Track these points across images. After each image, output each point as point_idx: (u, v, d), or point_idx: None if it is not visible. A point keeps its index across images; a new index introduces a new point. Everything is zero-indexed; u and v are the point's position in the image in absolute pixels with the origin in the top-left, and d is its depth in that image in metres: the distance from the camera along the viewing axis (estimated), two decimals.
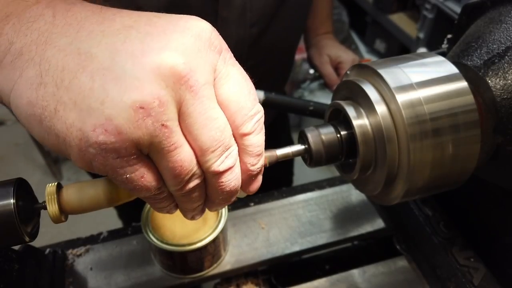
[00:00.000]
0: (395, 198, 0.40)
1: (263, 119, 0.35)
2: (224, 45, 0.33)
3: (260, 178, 0.38)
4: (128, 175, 0.31)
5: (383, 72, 0.38)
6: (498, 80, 0.40)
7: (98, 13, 0.31)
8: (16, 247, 0.54)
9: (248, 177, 0.36)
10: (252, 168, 0.36)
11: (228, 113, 0.33)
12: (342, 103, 0.41)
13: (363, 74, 0.41)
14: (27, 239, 0.40)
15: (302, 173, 1.37)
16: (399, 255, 0.67)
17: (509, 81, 0.40)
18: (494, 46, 0.42)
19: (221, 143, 0.32)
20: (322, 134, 0.41)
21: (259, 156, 0.35)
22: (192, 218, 0.39)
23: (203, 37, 0.31)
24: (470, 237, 0.57)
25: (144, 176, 0.31)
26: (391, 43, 2.36)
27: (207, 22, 0.32)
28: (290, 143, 1.13)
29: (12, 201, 0.38)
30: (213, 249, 0.60)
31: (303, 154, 0.42)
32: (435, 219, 0.60)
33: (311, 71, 2.56)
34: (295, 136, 0.59)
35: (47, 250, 0.62)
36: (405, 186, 0.38)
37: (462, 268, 0.55)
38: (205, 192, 0.36)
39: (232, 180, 0.34)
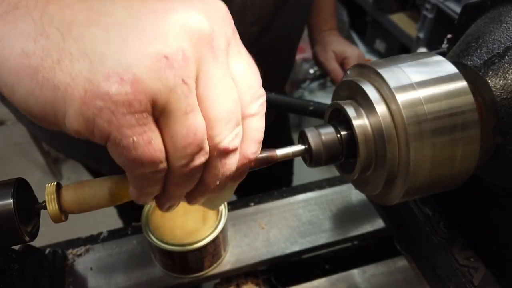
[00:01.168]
0: (395, 198, 0.40)
1: (265, 104, 0.34)
2: (234, 26, 0.33)
3: (245, 172, 0.36)
4: (134, 138, 0.27)
5: (383, 72, 0.38)
6: (498, 80, 0.40)
7: None
8: (16, 247, 0.54)
9: (243, 166, 0.34)
10: (251, 155, 0.34)
11: (238, 90, 0.31)
12: (342, 103, 0.41)
13: (363, 74, 0.41)
14: (27, 239, 0.40)
15: (302, 173, 1.37)
16: (399, 255, 0.67)
17: (509, 81, 0.40)
18: (494, 46, 0.42)
19: (235, 117, 0.30)
20: (322, 134, 0.41)
21: (259, 143, 0.34)
22: (168, 209, 0.37)
23: (222, 9, 0.31)
24: (470, 237, 0.57)
25: (151, 142, 0.28)
26: (391, 43, 2.36)
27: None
28: (290, 143, 1.13)
29: (12, 200, 0.38)
30: (213, 249, 0.60)
31: (303, 154, 0.42)
32: (435, 219, 0.60)
33: (311, 71, 2.56)
34: (295, 136, 0.59)
35: (47, 250, 0.62)
36: (405, 186, 0.38)
37: (462, 268, 0.55)
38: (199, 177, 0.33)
39: (233, 164, 0.33)
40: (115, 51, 0.26)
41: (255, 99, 0.33)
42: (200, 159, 0.30)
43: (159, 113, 0.28)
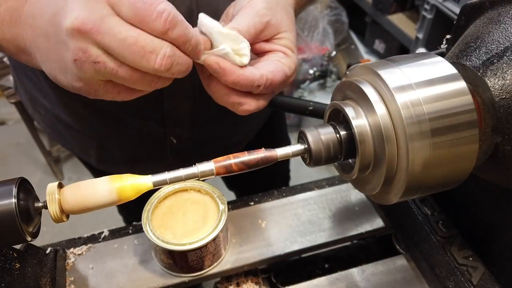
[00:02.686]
0: (394, 198, 0.41)
1: (172, 15, 0.40)
2: None
3: (200, 47, 0.45)
4: (110, 95, 0.46)
5: (382, 72, 0.38)
6: (496, 80, 0.40)
7: None
8: (18, 246, 0.54)
9: (192, 51, 0.44)
10: (187, 49, 0.43)
11: (141, 26, 0.40)
12: (341, 103, 0.41)
13: (362, 74, 0.41)
14: (28, 238, 0.40)
15: (301, 172, 1.37)
16: (398, 254, 0.67)
17: (508, 81, 0.40)
18: (493, 46, 0.42)
19: (142, 51, 0.40)
20: (322, 134, 0.41)
21: (185, 43, 0.43)
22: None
23: None
24: (468, 236, 0.58)
25: (120, 91, 0.46)
26: (390, 43, 2.37)
27: None
28: (286, 139, 1.12)
29: (13, 200, 0.38)
30: (214, 248, 0.60)
31: (303, 153, 0.42)
32: (434, 218, 0.60)
33: (311, 71, 2.57)
34: (295, 136, 0.59)
35: (48, 249, 0.62)
36: (404, 186, 0.38)
37: (460, 267, 0.55)
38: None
39: (182, 66, 0.43)
40: (65, 65, 0.43)
41: (155, 22, 0.40)
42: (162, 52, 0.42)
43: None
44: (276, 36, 0.54)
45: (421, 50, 0.58)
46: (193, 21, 0.70)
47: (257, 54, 0.55)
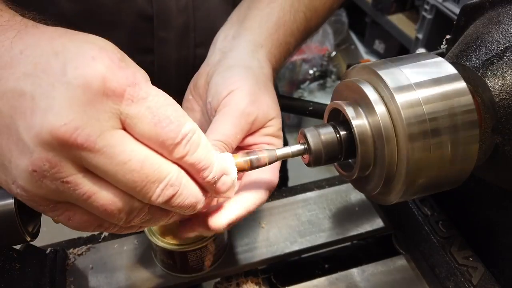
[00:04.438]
0: (394, 198, 0.41)
1: (196, 135, 0.34)
2: (130, 80, 0.31)
3: (227, 182, 0.38)
4: (55, 218, 0.34)
5: (382, 72, 0.38)
6: (496, 80, 0.40)
7: (8, 51, 0.31)
8: (18, 247, 0.54)
9: (209, 186, 0.37)
10: (205, 180, 0.36)
11: (154, 147, 0.33)
12: (341, 103, 0.41)
13: (362, 74, 0.41)
14: (28, 238, 0.40)
15: (301, 172, 1.37)
16: (398, 254, 0.67)
17: (508, 82, 0.40)
18: (493, 46, 0.42)
19: (145, 181, 0.32)
20: (322, 134, 0.41)
21: (205, 169, 0.35)
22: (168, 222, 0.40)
23: (93, 86, 0.30)
24: (468, 236, 0.58)
25: (71, 219, 0.34)
26: (390, 43, 2.37)
27: (103, 63, 0.30)
28: (284, 140, 1.11)
29: (13, 200, 0.38)
30: (214, 248, 0.60)
31: (302, 153, 0.42)
32: (434, 219, 0.60)
33: (311, 71, 2.57)
34: (294, 136, 0.59)
35: (48, 250, 0.62)
36: (404, 186, 0.38)
37: (460, 268, 0.55)
38: (163, 211, 0.37)
39: (185, 199, 0.35)
40: (7, 161, 0.30)
41: (176, 146, 0.33)
42: (139, 216, 0.35)
43: (68, 200, 0.33)
44: (263, 126, 0.49)
45: (421, 50, 0.58)
46: (189, 37, 0.70)
47: (241, 148, 0.49)
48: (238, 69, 0.50)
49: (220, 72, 0.50)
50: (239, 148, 0.49)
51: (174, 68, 0.71)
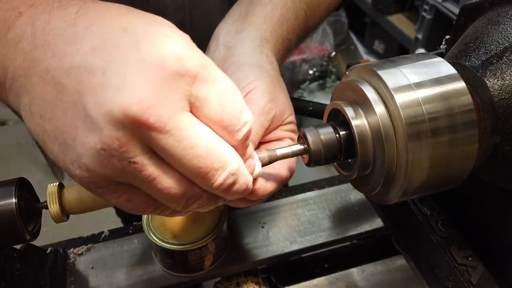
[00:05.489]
0: (393, 198, 0.41)
1: (251, 129, 0.35)
2: (202, 62, 0.31)
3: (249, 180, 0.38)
4: (115, 200, 0.33)
5: (381, 72, 0.38)
6: (496, 80, 0.41)
7: (72, 26, 0.30)
8: (18, 246, 0.55)
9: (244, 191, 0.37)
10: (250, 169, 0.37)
11: (218, 132, 0.33)
12: (340, 103, 0.41)
13: (361, 74, 0.41)
14: (28, 238, 0.40)
15: (301, 172, 1.38)
16: (397, 254, 0.67)
17: (507, 82, 0.40)
18: (492, 46, 0.42)
19: (209, 167, 0.31)
20: (321, 134, 0.41)
21: (251, 160, 0.38)
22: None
23: (167, 65, 0.29)
24: (468, 236, 0.58)
25: (130, 200, 0.33)
26: (390, 44, 2.37)
27: (177, 42, 0.30)
28: None
29: (14, 200, 0.39)
30: (214, 248, 0.60)
31: (302, 153, 0.42)
32: (434, 218, 0.60)
33: (311, 71, 2.57)
34: None
35: (49, 249, 0.62)
36: (403, 186, 0.38)
37: (460, 267, 0.55)
38: (218, 197, 0.37)
39: (241, 187, 0.35)
40: (71, 138, 0.29)
41: (235, 133, 0.33)
42: (197, 202, 0.35)
43: (129, 182, 0.32)
44: (281, 124, 0.49)
45: (421, 50, 0.58)
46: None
47: (263, 143, 0.49)
48: (251, 68, 0.49)
49: (233, 72, 0.50)
50: (261, 144, 0.49)
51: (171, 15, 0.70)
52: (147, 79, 0.28)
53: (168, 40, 0.29)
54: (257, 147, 0.48)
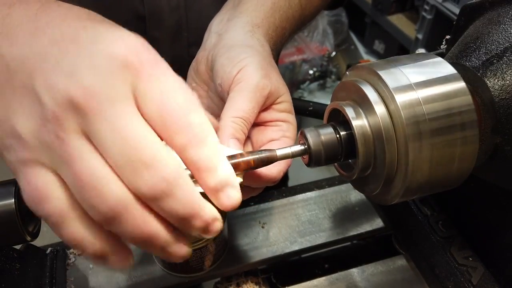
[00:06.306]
0: (394, 198, 0.41)
1: (202, 130, 0.32)
2: (152, 58, 0.32)
3: (231, 194, 0.34)
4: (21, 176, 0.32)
5: (382, 72, 0.38)
6: (496, 80, 0.41)
7: (33, 21, 0.32)
8: (18, 246, 0.55)
9: (212, 193, 0.34)
10: (207, 186, 0.33)
11: (157, 130, 0.31)
12: (341, 103, 0.41)
13: (362, 74, 0.41)
14: (28, 238, 0.40)
15: (301, 173, 1.38)
16: (398, 254, 0.67)
17: (508, 82, 0.40)
18: (493, 47, 0.42)
19: (137, 161, 0.30)
20: (322, 135, 0.41)
21: (207, 171, 0.33)
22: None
23: (117, 58, 0.30)
24: (468, 236, 0.58)
25: (38, 183, 0.31)
26: (390, 44, 2.37)
27: (130, 39, 0.32)
28: None
29: (13, 200, 0.39)
30: (214, 248, 0.60)
31: (302, 154, 0.42)
32: (434, 219, 0.60)
33: (311, 71, 2.57)
34: None
35: (48, 249, 0.62)
36: (404, 186, 0.38)
37: (460, 267, 0.55)
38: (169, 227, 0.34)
39: (179, 205, 0.31)
40: (12, 112, 0.31)
41: (179, 132, 0.31)
42: (130, 213, 0.31)
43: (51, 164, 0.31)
44: (275, 102, 0.48)
45: (421, 50, 0.58)
46: (182, 36, 0.70)
47: (258, 125, 0.48)
48: (242, 48, 0.49)
49: (223, 53, 0.49)
50: (256, 124, 0.48)
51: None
52: (96, 71, 0.30)
53: (123, 38, 0.32)
54: (253, 127, 0.47)
